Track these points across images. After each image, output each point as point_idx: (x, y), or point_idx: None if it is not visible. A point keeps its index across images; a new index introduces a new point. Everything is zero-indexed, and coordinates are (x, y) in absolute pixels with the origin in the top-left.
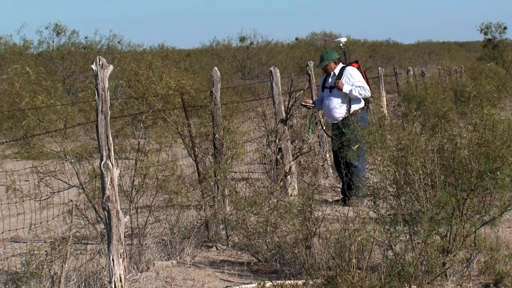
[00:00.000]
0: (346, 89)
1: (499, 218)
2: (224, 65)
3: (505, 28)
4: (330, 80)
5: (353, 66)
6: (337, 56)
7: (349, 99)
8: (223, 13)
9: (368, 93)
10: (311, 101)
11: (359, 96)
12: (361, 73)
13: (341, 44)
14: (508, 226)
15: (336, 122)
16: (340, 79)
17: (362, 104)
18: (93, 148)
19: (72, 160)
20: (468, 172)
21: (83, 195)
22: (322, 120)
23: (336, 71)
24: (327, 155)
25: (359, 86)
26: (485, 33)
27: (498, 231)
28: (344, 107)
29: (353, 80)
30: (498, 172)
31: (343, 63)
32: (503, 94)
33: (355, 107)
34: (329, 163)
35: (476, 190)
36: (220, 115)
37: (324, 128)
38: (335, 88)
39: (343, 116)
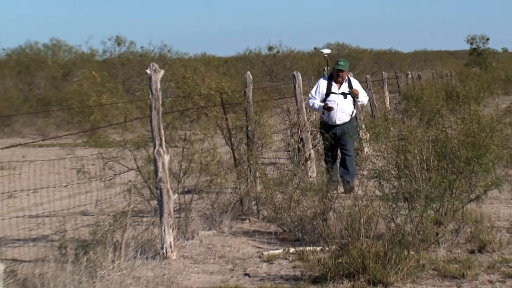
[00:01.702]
0: (361, 97)
1: (482, 196)
2: (255, 70)
3: (487, 39)
4: (341, 87)
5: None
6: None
7: (355, 105)
8: (254, 26)
9: (366, 101)
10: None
11: (365, 104)
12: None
13: (325, 55)
14: (490, 203)
15: (340, 123)
16: (355, 89)
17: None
18: (147, 138)
19: (131, 148)
20: (457, 158)
21: (140, 176)
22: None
23: (345, 79)
24: None
25: (365, 96)
26: (471, 43)
27: (481, 207)
28: (352, 112)
29: (361, 90)
30: (482, 158)
31: (328, 71)
32: (486, 93)
33: (355, 112)
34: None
35: (464, 173)
36: (252, 111)
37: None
38: (347, 95)
39: (350, 119)
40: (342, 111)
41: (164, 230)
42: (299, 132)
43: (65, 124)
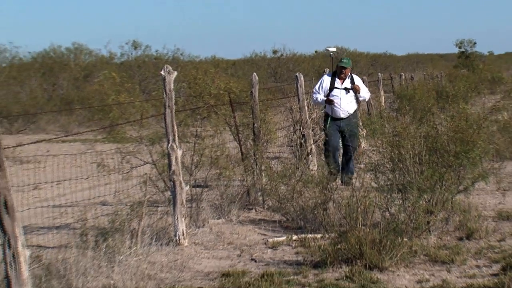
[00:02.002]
0: (362, 93)
1: (470, 188)
2: (260, 72)
3: (474, 43)
4: (344, 83)
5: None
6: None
7: (357, 100)
8: (260, 31)
9: (368, 97)
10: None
11: (367, 99)
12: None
13: (331, 53)
14: (477, 194)
15: (343, 117)
16: (353, 84)
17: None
18: (162, 134)
19: (147, 143)
20: (447, 153)
21: (155, 169)
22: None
23: (348, 76)
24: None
25: (367, 92)
26: (460, 47)
27: (469, 197)
28: (355, 106)
29: (363, 86)
30: (470, 153)
31: (331, 69)
32: (474, 93)
33: (357, 106)
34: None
35: (453, 166)
36: (258, 109)
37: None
38: (349, 90)
39: (353, 113)
40: (345, 105)
41: (177, 218)
42: (301, 128)
43: (86, 121)
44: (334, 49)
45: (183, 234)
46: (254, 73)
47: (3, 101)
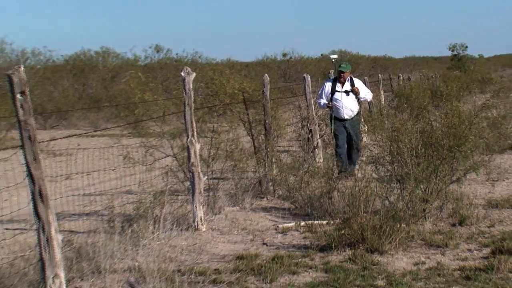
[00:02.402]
0: (362, 94)
1: (462, 178)
2: (271, 73)
3: (466, 47)
4: (344, 86)
5: (350, 75)
6: (350, 69)
7: (358, 100)
8: (270, 36)
9: (371, 98)
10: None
11: (369, 100)
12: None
13: (333, 60)
14: (469, 184)
15: (347, 118)
16: (353, 86)
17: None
18: (182, 130)
19: (168, 138)
20: (441, 146)
21: (175, 161)
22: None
23: (348, 79)
24: None
25: (368, 92)
26: (452, 50)
27: (461, 187)
28: (357, 108)
29: (363, 87)
30: (462, 147)
31: (334, 74)
32: (465, 92)
33: (359, 107)
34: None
35: (446, 159)
36: (269, 107)
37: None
38: (350, 92)
39: (356, 112)
40: (346, 107)
41: (196, 206)
42: (308, 124)
43: (113, 117)
44: (335, 56)
45: (201, 220)
46: (266, 74)
47: (38, 99)
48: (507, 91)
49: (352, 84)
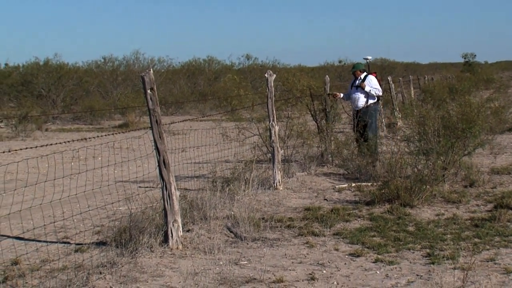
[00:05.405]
0: (367, 89)
1: (472, 152)
2: (330, 75)
3: (475, 55)
4: (357, 82)
5: (373, 75)
6: (363, 67)
7: (367, 95)
8: (330, 47)
9: (380, 93)
10: (338, 94)
11: (374, 94)
12: (377, 80)
13: (367, 60)
14: (477, 156)
15: (358, 109)
16: (363, 83)
17: (375, 100)
18: (265, 116)
19: (255, 122)
20: (456, 129)
21: (261, 139)
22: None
23: (362, 76)
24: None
25: (375, 88)
26: (464, 58)
27: (471, 158)
28: (364, 100)
29: (372, 84)
30: (472, 129)
31: (366, 72)
32: (474, 89)
33: (370, 101)
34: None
35: (460, 138)
36: (328, 99)
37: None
38: (359, 87)
39: (363, 105)
40: (357, 99)
41: (275, 172)
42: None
43: (215, 107)
44: (370, 57)
45: (279, 182)
46: (326, 76)
47: (163, 94)
48: (505, 87)
49: (363, 81)
